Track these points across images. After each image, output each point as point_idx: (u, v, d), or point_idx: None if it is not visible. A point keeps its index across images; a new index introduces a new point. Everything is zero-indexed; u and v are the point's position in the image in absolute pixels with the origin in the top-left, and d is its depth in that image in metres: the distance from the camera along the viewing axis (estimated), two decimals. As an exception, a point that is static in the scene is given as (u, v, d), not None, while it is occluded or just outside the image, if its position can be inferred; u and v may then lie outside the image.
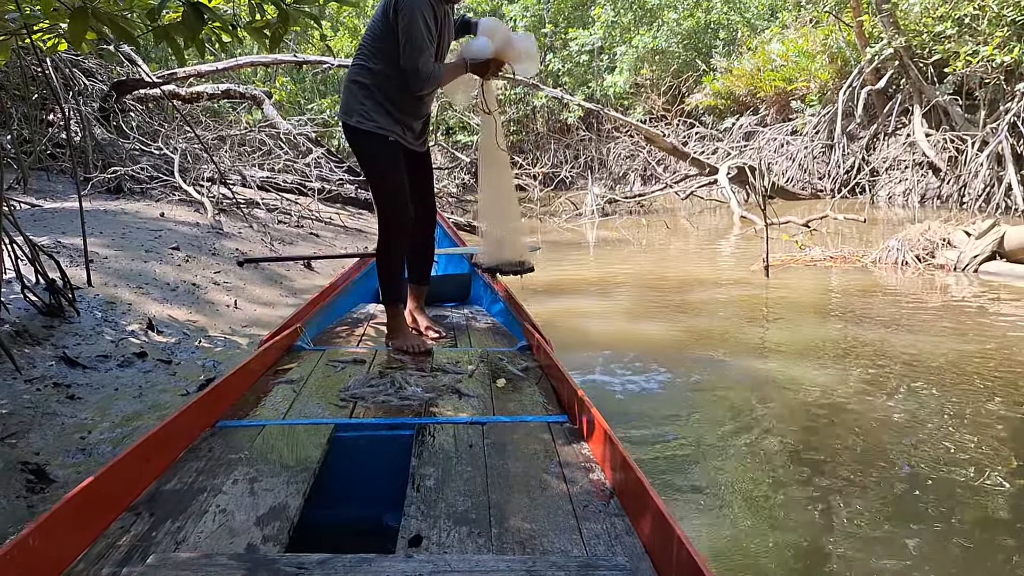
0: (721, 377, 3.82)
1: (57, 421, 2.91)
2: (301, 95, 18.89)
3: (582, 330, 4.88)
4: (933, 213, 10.89)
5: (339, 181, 9.86)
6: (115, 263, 4.84)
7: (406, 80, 2.88)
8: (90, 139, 7.92)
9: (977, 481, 2.58)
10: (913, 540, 2.22)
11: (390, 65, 2.90)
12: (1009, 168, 10.39)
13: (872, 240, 8.42)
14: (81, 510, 1.48)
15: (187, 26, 2.63)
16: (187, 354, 3.91)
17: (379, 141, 2.99)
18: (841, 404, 3.35)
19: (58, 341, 3.55)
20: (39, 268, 3.75)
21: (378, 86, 2.95)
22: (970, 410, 3.23)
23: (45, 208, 6.24)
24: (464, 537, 1.51)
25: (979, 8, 10.82)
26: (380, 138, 2.98)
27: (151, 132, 9.36)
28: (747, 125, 16.72)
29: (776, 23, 17.34)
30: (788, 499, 2.50)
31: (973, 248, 6.42)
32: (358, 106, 2.98)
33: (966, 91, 11.96)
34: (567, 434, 2.08)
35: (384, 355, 2.95)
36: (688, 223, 12.03)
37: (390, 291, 3.15)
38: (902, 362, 3.98)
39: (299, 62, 9.58)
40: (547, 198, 15.05)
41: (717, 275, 7.11)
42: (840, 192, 13.51)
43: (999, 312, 5.12)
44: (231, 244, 6.46)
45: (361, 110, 2.97)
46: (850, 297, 5.73)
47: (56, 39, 3.81)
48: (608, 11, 19.52)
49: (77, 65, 8.72)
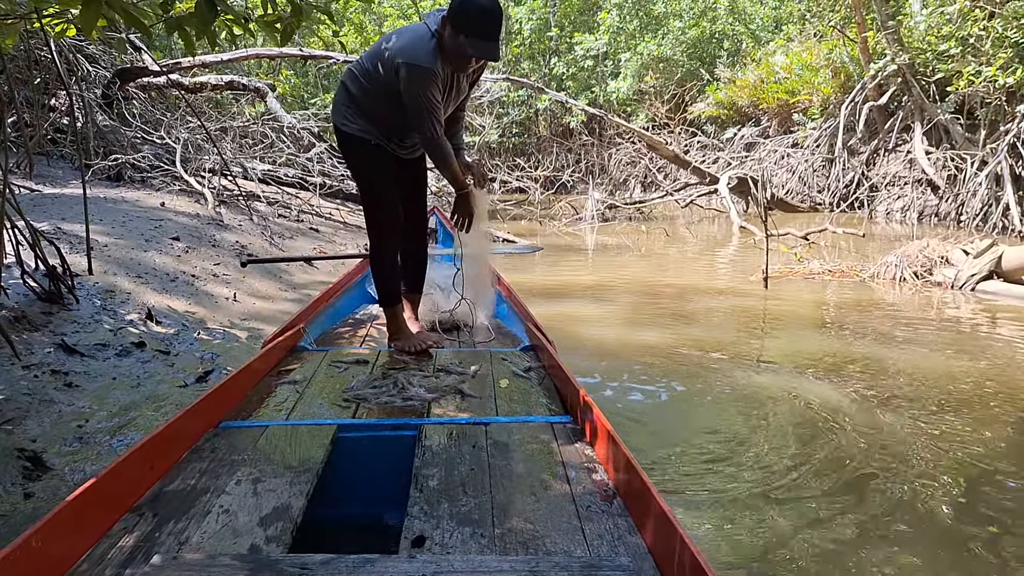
0: (718, 385, 3.83)
1: (54, 408, 2.90)
2: (304, 89, 18.89)
3: (578, 335, 4.88)
4: (931, 230, 10.94)
5: (341, 176, 9.85)
6: (115, 251, 4.83)
7: (395, 110, 2.85)
8: (92, 125, 7.90)
9: (966, 492, 2.59)
10: (904, 546, 2.23)
11: (381, 91, 2.85)
12: (1007, 188, 10.43)
13: (870, 255, 8.45)
14: (84, 511, 1.48)
15: (200, 18, 2.62)
16: (185, 345, 3.89)
17: (361, 143, 2.97)
18: (837, 415, 3.36)
19: (56, 328, 3.54)
20: (39, 254, 3.74)
21: (365, 100, 2.92)
22: (962, 425, 3.25)
23: (45, 193, 6.22)
24: (467, 537, 1.51)
25: (984, 29, 10.87)
26: (362, 140, 2.96)
27: (153, 121, 9.34)
28: (748, 136, 16.77)
29: (780, 35, 17.41)
30: (786, 502, 2.51)
31: (971, 267, 6.44)
32: (344, 108, 2.97)
33: (967, 110, 12.01)
34: (570, 434, 2.08)
35: (387, 356, 2.95)
36: (687, 231, 12.05)
37: (385, 293, 3.13)
38: (897, 376, 3.99)
39: (305, 56, 9.57)
40: (547, 201, 15.07)
41: (716, 284, 7.12)
42: (839, 206, 13.55)
43: (994, 331, 5.14)
44: (231, 236, 6.45)
45: (346, 112, 2.96)
46: (847, 311, 5.74)
47: (65, 24, 3.79)
48: (614, 17, 19.57)
49: (80, 51, 8.70)
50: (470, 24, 2.56)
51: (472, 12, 2.56)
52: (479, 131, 18.61)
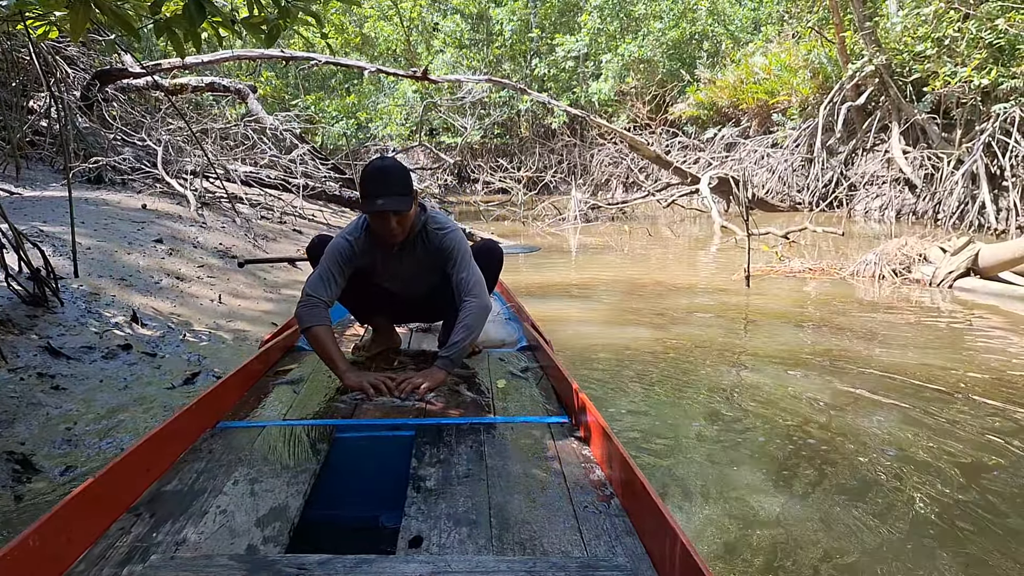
0: (704, 382, 3.87)
1: (42, 411, 2.88)
2: (285, 91, 18.79)
3: (565, 334, 4.91)
4: (908, 228, 11.09)
5: (323, 178, 9.82)
6: (98, 254, 4.79)
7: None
8: (72, 128, 7.82)
9: (937, 483, 2.65)
10: (889, 537, 2.28)
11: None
12: (983, 187, 10.61)
13: (849, 253, 8.55)
14: (81, 511, 1.48)
15: (188, 19, 2.62)
16: (172, 348, 3.88)
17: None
18: (820, 409, 3.41)
19: (42, 331, 3.51)
20: (23, 256, 3.71)
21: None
22: (939, 416, 3.31)
23: (25, 196, 6.16)
24: (464, 538, 1.50)
25: (959, 30, 11.05)
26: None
27: (133, 123, 9.26)
28: (729, 136, 16.91)
29: (759, 37, 17.57)
30: (778, 498, 2.54)
31: (948, 264, 6.55)
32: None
33: (943, 110, 12.20)
34: (567, 435, 2.08)
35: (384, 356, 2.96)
36: (669, 231, 12.13)
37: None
38: (876, 370, 4.05)
39: (286, 58, 9.53)
40: (531, 202, 15.11)
41: (699, 283, 7.18)
42: (818, 205, 13.70)
43: (970, 326, 5.23)
44: (214, 238, 6.42)
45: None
46: (828, 308, 5.82)
47: (48, 26, 3.76)
48: (594, 18, 19.65)
49: (59, 52, 8.61)
50: (361, 189, 2.58)
51: (361, 179, 2.60)
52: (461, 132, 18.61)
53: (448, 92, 16.94)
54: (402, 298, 2.99)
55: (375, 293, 2.95)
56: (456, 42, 21.84)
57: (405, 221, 2.56)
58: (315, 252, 2.87)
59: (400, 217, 2.52)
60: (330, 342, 2.50)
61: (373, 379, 2.45)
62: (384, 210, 2.46)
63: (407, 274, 2.82)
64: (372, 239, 2.64)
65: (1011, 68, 10.48)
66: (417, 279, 2.85)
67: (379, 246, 2.66)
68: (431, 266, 2.75)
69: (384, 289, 2.92)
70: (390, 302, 3.02)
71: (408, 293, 2.95)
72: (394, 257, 2.72)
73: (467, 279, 2.63)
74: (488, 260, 2.90)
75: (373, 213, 2.50)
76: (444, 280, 2.73)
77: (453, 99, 16.87)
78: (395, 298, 2.98)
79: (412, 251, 2.71)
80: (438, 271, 2.75)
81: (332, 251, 2.63)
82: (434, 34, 22.88)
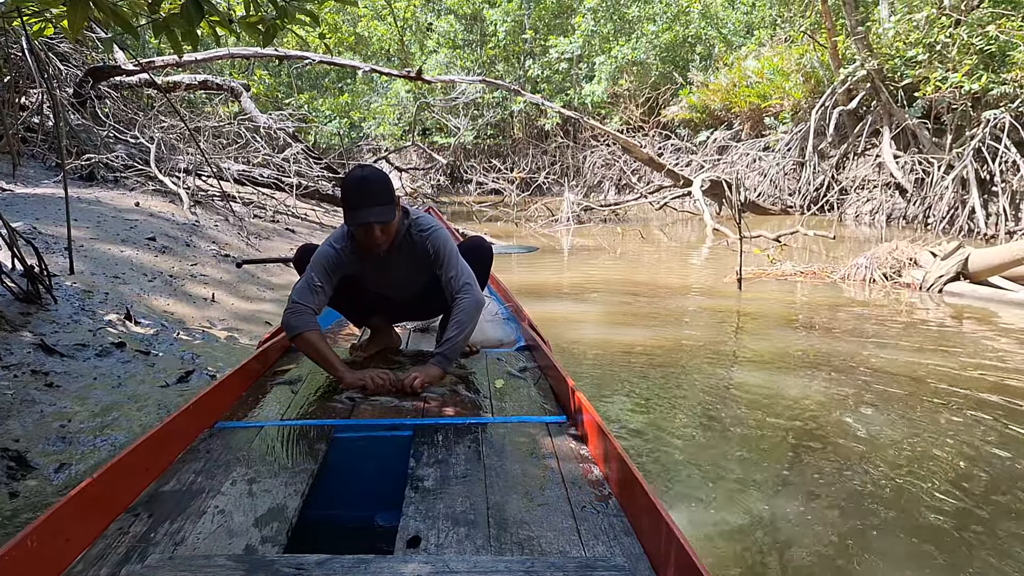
0: (696, 383, 3.89)
1: (36, 408, 2.88)
2: (278, 89, 18.76)
3: (558, 334, 4.92)
4: (899, 233, 11.16)
5: (316, 177, 9.81)
6: (91, 252, 4.78)
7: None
8: (64, 124, 7.78)
9: (927, 484, 2.67)
10: (878, 539, 2.30)
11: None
12: (973, 192, 10.68)
13: (840, 257, 8.60)
14: (80, 511, 1.48)
15: (186, 18, 2.63)
16: (165, 346, 3.87)
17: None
18: (811, 411, 3.44)
19: (35, 328, 3.50)
20: (17, 253, 3.69)
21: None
22: (928, 418, 3.34)
23: (17, 193, 6.13)
24: (463, 538, 1.51)
25: (950, 36, 11.13)
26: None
27: (126, 120, 9.22)
28: (721, 139, 16.99)
29: (752, 40, 17.65)
30: (774, 497, 2.57)
31: (939, 268, 6.60)
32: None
33: (934, 115, 12.28)
34: (565, 434, 2.08)
35: (382, 356, 2.96)
36: (662, 233, 12.17)
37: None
38: (866, 373, 4.09)
39: (281, 56, 9.50)
40: (523, 203, 15.13)
41: (691, 285, 7.21)
42: (809, 209, 13.77)
43: (960, 330, 5.27)
44: (207, 236, 6.40)
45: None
46: (819, 311, 5.86)
47: (44, 23, 3.76)
48: (588, 20, 19.69)
49: (51, 49, 8.57)
50: (343, 202, 2.58)
51: (342, 192, 2.60)
52: (454, 132, 18.61)
53: (441, 92, 16.95)
54: (395, 301, 3.00)
55: (367, 298, 2.97)
56: (450, 42, 21.85)
57: (389, 230, 2.58)
58: (302, 262, 2.87)
59: (384, 227, 2.54)
60: (322, 344, 2.51)
61: (372, 373, 2.46)
62: (368, 222, 2.48)
63: (397, 278, 2.83)
64: (358, 247, 2.65)
65: (1002, 74, 10.57)
66: (407, 282, 2.87)
67: (366, 253, 2.67)
68: (419, 268, 2.76)
69: (376, 294, 2.94)
70: (384, 305, 3.03)
71: (400, 296, 2.96)
72: (381, 263, 2.73)
73: (456, 277, 2.66)
74: (477, 256, 2.92)
75: (357, 226, 2.52)
76: (434, 280, 2.75)
77: (446, 99, 16.88)
78: (388, 301, 3.00)
79: (398, 256, 2.73)
80: (427, 272, 2.76)
81: (318, 259, 2.64)
82: (428, 34, 22.87)
